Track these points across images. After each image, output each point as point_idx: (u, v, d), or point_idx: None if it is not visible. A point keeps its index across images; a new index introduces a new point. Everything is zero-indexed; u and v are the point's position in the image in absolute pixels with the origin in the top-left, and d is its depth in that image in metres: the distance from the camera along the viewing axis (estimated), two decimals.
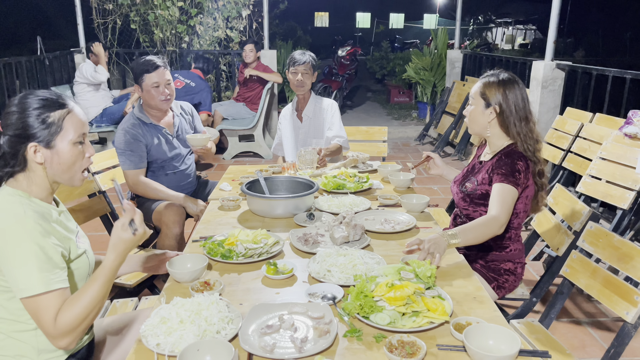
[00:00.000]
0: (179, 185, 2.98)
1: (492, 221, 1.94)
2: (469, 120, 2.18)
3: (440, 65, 8.27)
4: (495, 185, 2.02)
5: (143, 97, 2.84)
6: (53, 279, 1.34)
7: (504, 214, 1.95)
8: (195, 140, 2.80)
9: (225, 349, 1.23)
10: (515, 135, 2.08)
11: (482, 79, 2.14)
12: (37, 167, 1.44)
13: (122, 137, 2.79)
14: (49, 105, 1.44)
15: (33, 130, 1.41)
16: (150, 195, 2.85)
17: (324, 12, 27.72)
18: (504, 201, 1.97)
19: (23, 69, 5.92)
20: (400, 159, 6.49)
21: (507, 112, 2.06)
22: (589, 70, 4.62)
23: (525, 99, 2.09)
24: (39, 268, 1.33)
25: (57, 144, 1.44)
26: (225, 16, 7.21)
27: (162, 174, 2.94)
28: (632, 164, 3.16)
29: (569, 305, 3.04)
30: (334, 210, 2.31)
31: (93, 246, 1.76)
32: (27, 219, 1.35)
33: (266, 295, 1.60)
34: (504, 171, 2.01)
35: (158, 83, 2.76)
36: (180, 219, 2.79)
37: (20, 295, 1.33)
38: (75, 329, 1.36)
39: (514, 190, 1.99)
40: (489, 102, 2.09)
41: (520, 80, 2.11)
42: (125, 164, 2.80)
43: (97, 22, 7.24)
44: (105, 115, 6.03)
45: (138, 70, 2.78)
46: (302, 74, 3.22)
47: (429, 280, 1.53)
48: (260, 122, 6.35)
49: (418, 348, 1.28)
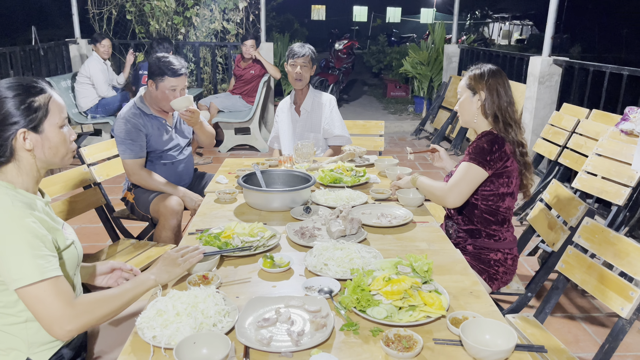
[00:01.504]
0: (175, 175, 2.97)
1: (441, 187, 2.16)
2: (460, 112, 2.29)
3: (437, 59, 8.26)
4: (462, 163, 2.15)
5: (153, 94, 2.80)
6: (47, 267, 1.33)
7: (457, 188, 2.11)
8: (178, 103, 2.72)
9: (221, 342, 1.23)
10: (495, 120, 2.17)
11: (468, 72, 2.26)
12: (26, 155, 1.43)
13: (123, 126, 2.77)
14: (30, 90, 1.41)
15: (17, 117, 1.39)
16: (149, 186, 2.84)
17: (321, 5, 27.60)
18: (462, 178, 2.11)
19: (17, 59, 5.87)
20: (397, 153, 6.49)
21: (491, 100, 2.16)
22: (586, 66, 4.62)
23: (508, 87, 2.19)
24: (33, 256, 1.31)
25: (45, 128, 1.43)
26: (222, 8, 7.16)
27: (159, 163, 2.93)
28: (627, 160, 3.17)
29: (563, 301, 3.06)
30: (331, 204, 2.30)
31: (87, 238, 1.76)
32: (15, 209, 1.34)
33: (263, 288, 1.60)
34: (471, 151, 2.13)
35: (175, 87, 2.75)
36: (178, 210, 2.78)
37: (14, 285, 1.31)
38: (85, 325, 1.36)
39: (478, 170, 2.09)
40: (475, 91, 2.19)
41: (503, 72, 2.23)
42: (126, 153, 2.78)
43: (92, 12, 7.18)
44: (101, 106, 6.00)
45: (158, 69, 2.73)
46: (300, 67, 3.21)
47: (425, 274, 1.53)
48: (256, 115, 6.33)
49: (415, 342, 1.28)
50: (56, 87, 5.98)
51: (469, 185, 2.10)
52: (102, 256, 2.64)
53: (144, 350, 1.27)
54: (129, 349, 1.29)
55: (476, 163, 2.08)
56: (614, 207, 3.26)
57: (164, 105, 2.81)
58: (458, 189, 2.11)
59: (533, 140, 4.82)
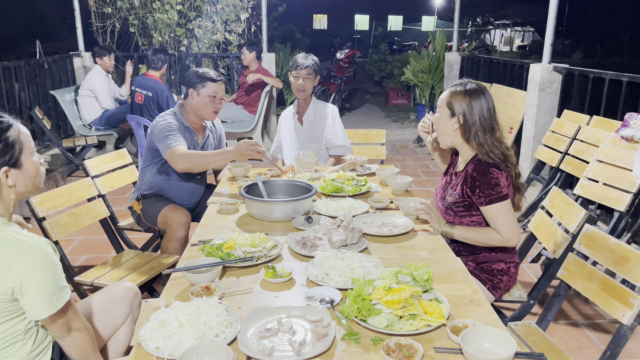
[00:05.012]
0: (187, 191, 3.00)
1: (496, 239, 2.06)
2: (435, 128, 2.20)
3: (438, 67, 8.30)
4: (485, 209, 2.05)
5: (194, 103, 2.86)
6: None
7: (507, 230, 2.03)
8: (237, 172, 2.97)
9: (224, 353, 1.24)
10: (476, 146, 2.08)
11: (450, 87, 2.14)
12: (7, 191, 1.44)
13: (170, 120, 2.81)
14: (1, 127, 1.41)
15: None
16: (199, 162, 2.75)
17: (323, 15, 27.71)
18: (502, 218, 2.03)
19: (22, 72, 5.94)
20: (399, 162, 6.51)
21: (470, 123, 2.06)
22: (585, 73, 4.63)
23: (492, 110, 2.07)
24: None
25: (23, 161, 1.45)
26: (223, 19, 7.23)
27: (175, 177, 2.95)
28: (628, 166, 3.18)
29: (567, 308, 3.05)
30: (332, 214, 2.32)
31: (91, 249, 1.78)
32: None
33: (265, 298, 1.61)
34: (485, 193, 2.03)
35: (215, 93, 2.83)
36: (186, 222, 2.79)
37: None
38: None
39: (504, 204, 2.02)
40: (454, 112, 2.09)
41: (487, 91, 2.10)
42: (178, 140, 2.74)
43: (96, 26, 7.27)
44: (104, 118, 6.04)
45: (199, 78, 2.83)
46: (303, 79, 3.24)
47: (426, 283, 1.54)
48: (259, 125, 6.36)
49: (415, 351, 1.29)
50: (61, 100, 6.04)
51: (511, 219, 2.04)
52: (107, 268, 2.66)
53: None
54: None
55: (499, 200, 2.02)
56: (616, 213, 3.26)
57: (204, 112, 2.88)
58: (509, 229, 2.02)
59: (534, 147, 4.82)
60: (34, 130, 6.11)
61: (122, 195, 4.96)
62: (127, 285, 1.95)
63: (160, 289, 2.81)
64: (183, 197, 2.98)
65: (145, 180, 2.98)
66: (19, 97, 5.89)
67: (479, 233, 2.11)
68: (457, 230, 2.13)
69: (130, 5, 7.07)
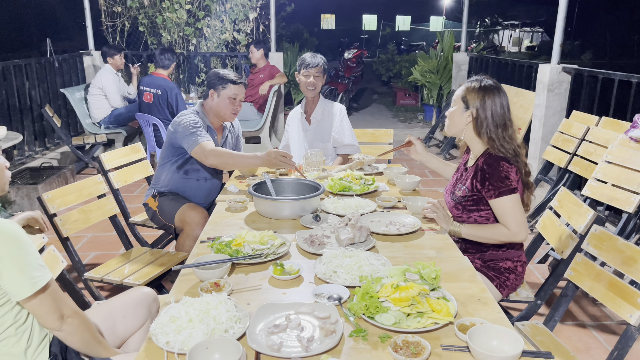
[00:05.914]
0: (203, 191, 3.01)
1: (504, 233, 2.08)
2: (449, 121, 2.24)
3: (446, 67, 8.28)
4: (494, 202, 2.07)
5: (214, 104, 2.89)
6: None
7: (515, 223, 2.03)
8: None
9: (233, 348, 1.26)
10: (487, 140, 2.11)
11: (466, 83, 2.20)
12: None
13: (194, 117, 2.83)
14: None
15: None
16: (229, 162, 2.77)
17: (331, 15, 27.70)
18: (510, 212, 2.03)
19: (33, 70, 5.99)
20: (406, 162, 6.51)
21: (482, 117, 2.10)
22: (595, 73, 4.62)
23: (505, 107, 2.12)
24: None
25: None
26: (232, 19, 7.26)
27: (193, 179, 2.96)
28: (637, 167, 3.16)
29: (574, 308, 3.05)
30: (340, 212, 2.33)
31: (100, 246, 1.80)
32: None
33: (273, 295, 1.63)
34: (495, 185, 2.04)
35: (236, 95, 2.87)
36: (204, 220, 2.80)
37: None
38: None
39: (513, 197, 2.03)
40: (468, 106, 2.13)
41: (502, 89, 2.14)
42: (205, 137, 2.76)
43: (105, 25, 7.32)
44: (113, 116, 6.08)
45: (220, 79, 2.85)
46: (314, 77, 3.26)
47: (433, 281, 1.55)
48: (266, 124, 6.38)
49: (422, 348, 1.30)
50: (71, 98, 6.09)
51: (519, 213, 2.05)
52: (117, 264, 2.68)
53: (157, 356, 1.31)
54: (143, 354, 1.32)
55: (508, 193, 2.03)
56: (625, 214, 3.24)
57: (223, 114, 2.90)
58: (516, 223, 2.04)
59: (543, 147, 4.81)
60: (44, 127, 6.18)
61: (130, 193, 5.00)
62: (146, 290, 1.97)
63: (169, 286, 2.83)
64: (199, 197, 2.99)
65: (162, 178, 2.98)
66: (29, 94, 5.95)
67: (487, 230, 2.12)
68: (464, 228, 2.14)
69: (139, 4, 7.12)
